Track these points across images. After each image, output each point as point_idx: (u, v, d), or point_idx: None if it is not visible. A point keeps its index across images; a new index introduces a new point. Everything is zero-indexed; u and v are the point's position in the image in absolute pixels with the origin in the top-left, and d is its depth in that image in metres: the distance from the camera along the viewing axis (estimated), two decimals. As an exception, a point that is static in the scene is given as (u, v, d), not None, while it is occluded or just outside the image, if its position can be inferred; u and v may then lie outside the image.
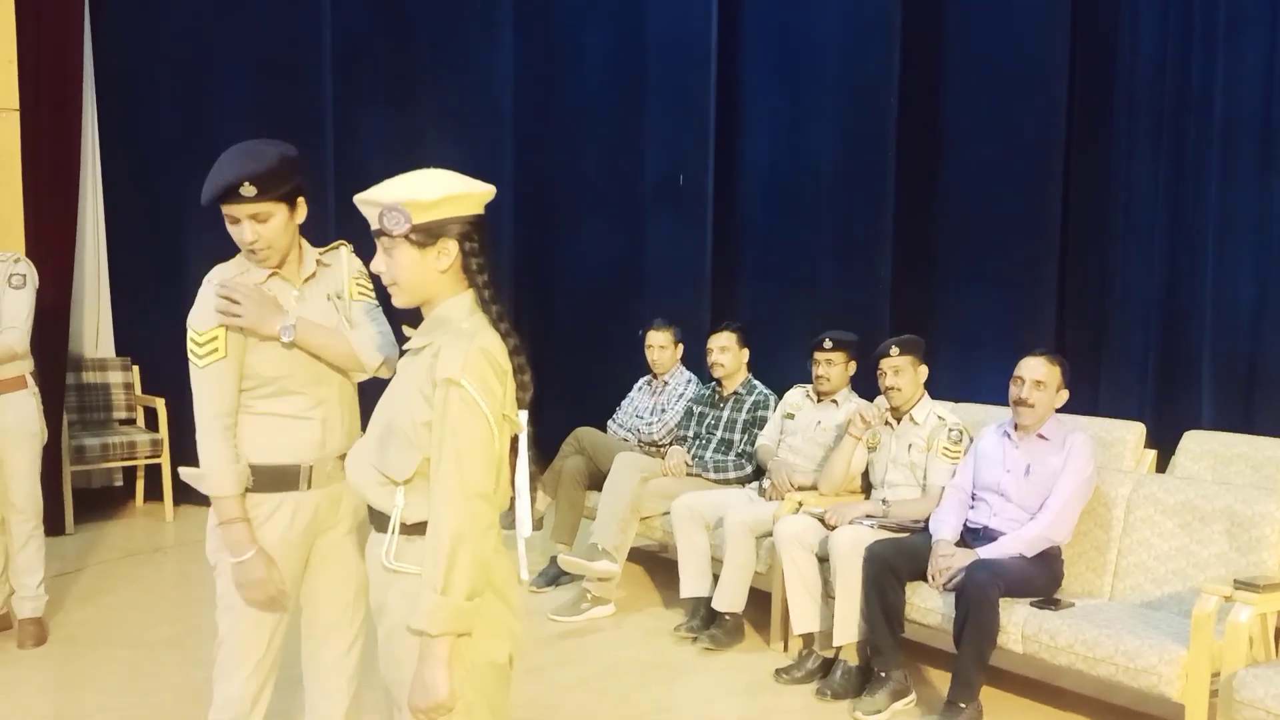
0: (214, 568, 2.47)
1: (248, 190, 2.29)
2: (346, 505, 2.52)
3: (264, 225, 2.35)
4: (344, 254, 2.58)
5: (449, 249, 1.92)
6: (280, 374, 2.41)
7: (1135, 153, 4.90)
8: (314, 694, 2.60)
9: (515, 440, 1.96)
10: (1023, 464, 3.85)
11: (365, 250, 2.00)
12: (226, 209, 2.33)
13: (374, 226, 1.93)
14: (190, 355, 2.38)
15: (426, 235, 1.90)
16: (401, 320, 2.03)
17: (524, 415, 1.95)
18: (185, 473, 2.45)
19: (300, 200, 2.42)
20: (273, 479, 2.42)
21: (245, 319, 2.34)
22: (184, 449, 5.40)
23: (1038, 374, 3.83)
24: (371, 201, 1.91)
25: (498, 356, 1.89)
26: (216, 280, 2.41)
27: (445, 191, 1.90)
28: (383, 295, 2.00)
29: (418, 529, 1.88)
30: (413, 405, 1.90)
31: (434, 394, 1.86)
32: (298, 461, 2.43)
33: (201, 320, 2.37)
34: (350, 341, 2.44)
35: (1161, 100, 4.79)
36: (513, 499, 1.98)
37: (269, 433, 2.43)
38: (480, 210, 1.97)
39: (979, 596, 3.52)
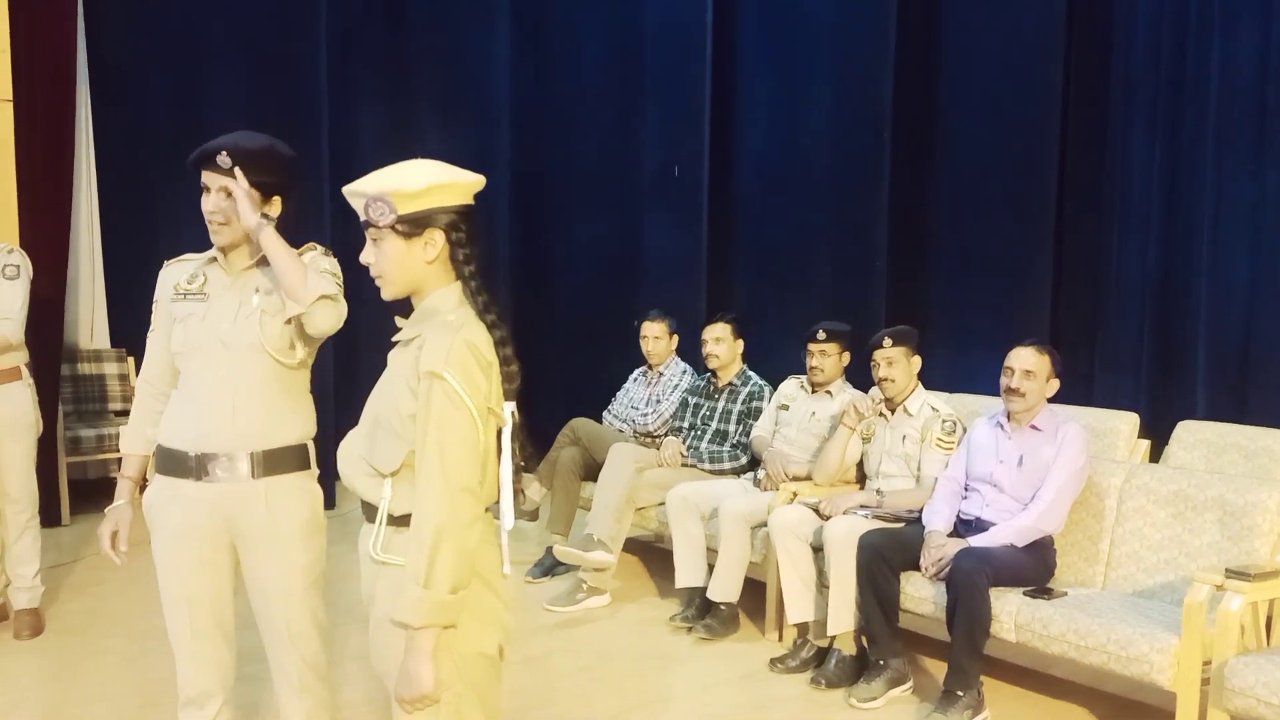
0: None
1: (223, 160, 2.40)
2: (259, 511, 2.47)
3: (229, 201, 2.43)
4: (308, 259, 2.54)
5: (435, 239, 1.92)
6: (178, 349, 2.51)
7: (1130, 140, 4.90)
8: (280, 694, 2.61)
9: (500, 433, 1.95)
10: (1016, 455, 3.86)
11: (357, 243, 1.99)
12: (204, 177, 2.45)
13: (361, 217, 1.93)
14: None
15: (412, 225, 1.90)
16: (394, 312, 2.03)
17: (511, 406, 1.95)
18: (123, 429, 2.66)
19: (276, 199, 2.49)
20: (167, 462, 2.50)
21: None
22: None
23: (1027, 363, 3.84)
24: (357, 192, 1.91)
25: (483, 349, 1.88)
26: (165, 265, 2.64)
27: (430, 181, 1.89)
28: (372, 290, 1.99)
29: (405, 521, 1.88)
30: (399, 397, 1.89)
31: (418, 386, 1.85)
32: (185, 449, 2.46)
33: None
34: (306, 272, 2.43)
35: (1156, 86, 4.78)
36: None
37: (170, 415, 2.51)
38: (468, 200, 1.96)
39: (967, 583, 3.53)
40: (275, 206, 2.49)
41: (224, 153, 2.39)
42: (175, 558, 2.49)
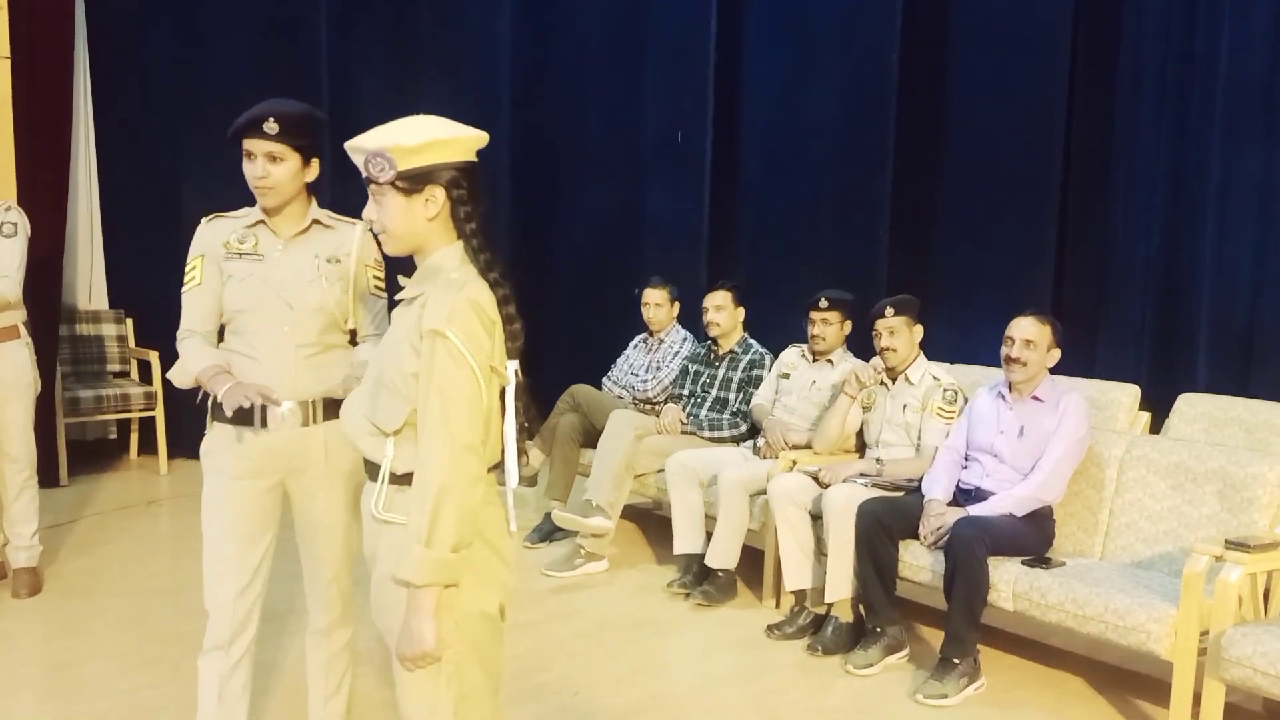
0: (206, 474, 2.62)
1: (270, 127, 2.46)
2: (317, 455, 2.59)
3: (275, 166, 2.51)
4: (358, 231, 2.65)
5: (436, 196, 1.90)
6: (239, 307, 2.57)
7: (1137, 116, 4.86)
8: (317, 620, 2.73)
9: (504, 393, 1.94)
10: (1016, 425, 3.85)
11: (358, 200, 1.97)
12: (247, 143, 2.49)
13: (362, 174, 1.91)
14: None
15: (412, 182, 1.88)
16: (397, 270, 2.01)
17: (514, 365, 1.94)
18: (170, 373, 2.64)
19: (315, 161, 2.57)
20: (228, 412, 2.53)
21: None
22: (177, 402, 5.39)
23: (1028, 333, 3.83)
24: (358, 148, 1.90)
25: (486, 307, 1.86)
26: (204, 222, 2.65)
27: (429, 137, 1.87)
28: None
29: (407, 479, 1.87)
30: (402, 356, 1.88)
31: (421, 345, 1.84)
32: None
33: (191, 251, 2.63)
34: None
35: (1165, 63, 4.74)
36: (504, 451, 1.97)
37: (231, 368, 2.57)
38: (470, 157, 1.94)
39: (965, 551, 3.54)
40: (314, 169, 2.57)
41: (271, 119, 2.45)
42: (227, 499, 2.57)
